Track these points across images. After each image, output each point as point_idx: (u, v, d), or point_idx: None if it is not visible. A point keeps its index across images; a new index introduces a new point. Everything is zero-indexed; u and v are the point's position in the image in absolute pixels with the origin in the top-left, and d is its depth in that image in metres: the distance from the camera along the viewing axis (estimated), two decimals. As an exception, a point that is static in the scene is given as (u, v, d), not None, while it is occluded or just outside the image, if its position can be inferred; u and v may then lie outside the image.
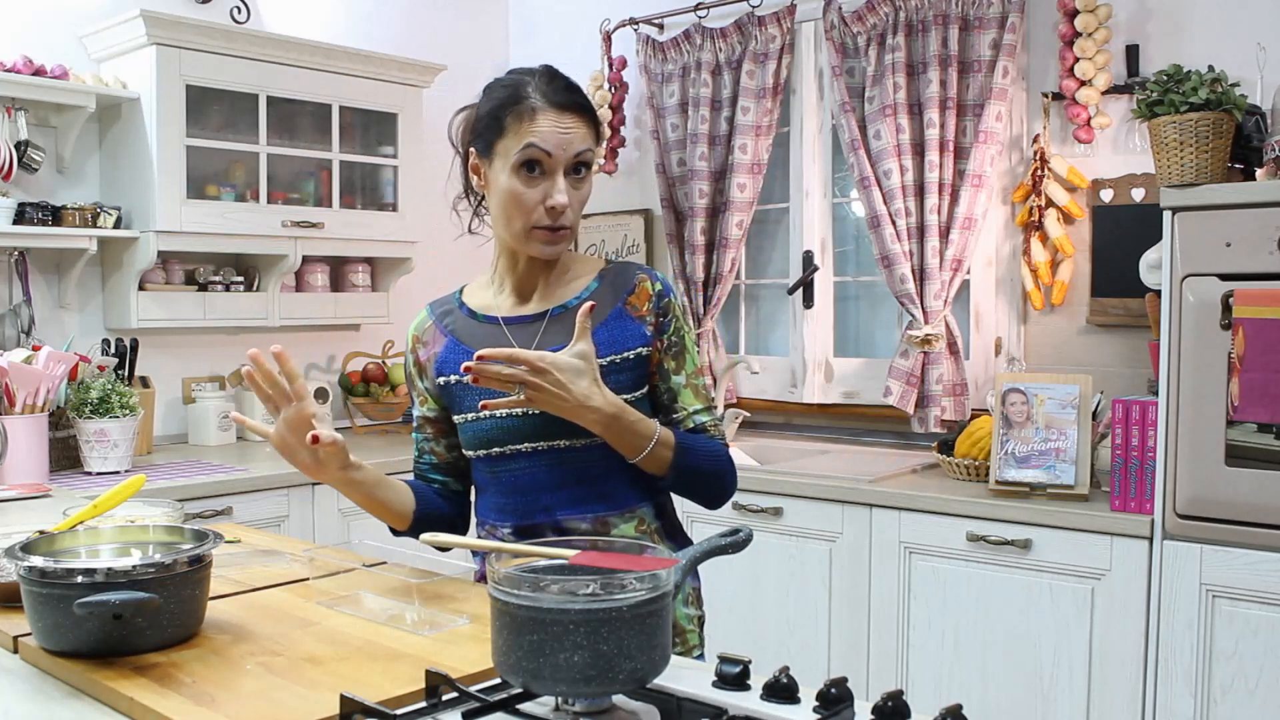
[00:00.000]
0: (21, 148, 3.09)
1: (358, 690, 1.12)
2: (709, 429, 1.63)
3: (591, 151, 1.57)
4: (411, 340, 1.71)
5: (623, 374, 1.58)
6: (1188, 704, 2.35)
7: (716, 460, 1.61)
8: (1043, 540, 2.54)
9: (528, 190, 1.54)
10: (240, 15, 3.66)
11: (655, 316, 1.61)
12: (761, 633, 3.01)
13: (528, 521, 1.60)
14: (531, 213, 1.55)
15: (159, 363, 3.53)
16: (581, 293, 1.63)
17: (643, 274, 1.64)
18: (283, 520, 3.03)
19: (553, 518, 1.58)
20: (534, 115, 1.53)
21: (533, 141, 1.52)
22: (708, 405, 1.65)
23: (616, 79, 4.04)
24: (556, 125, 1.53)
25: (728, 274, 3.67)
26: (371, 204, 3.76)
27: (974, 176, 3.15)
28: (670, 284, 1.66)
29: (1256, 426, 2.27)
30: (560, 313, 1.62)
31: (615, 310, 1.61)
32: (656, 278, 1.65)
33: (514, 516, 1.61)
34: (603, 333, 1.58)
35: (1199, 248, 2.34)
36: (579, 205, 1.58)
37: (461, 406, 1.62)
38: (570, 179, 1.55)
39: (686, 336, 1.65)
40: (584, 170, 1.57)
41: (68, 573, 1.27)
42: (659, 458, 1.54)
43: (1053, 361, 3.16)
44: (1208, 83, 2.38)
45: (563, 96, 1.55)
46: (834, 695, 1.10)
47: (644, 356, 1.60)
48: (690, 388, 1.63)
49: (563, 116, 1.53)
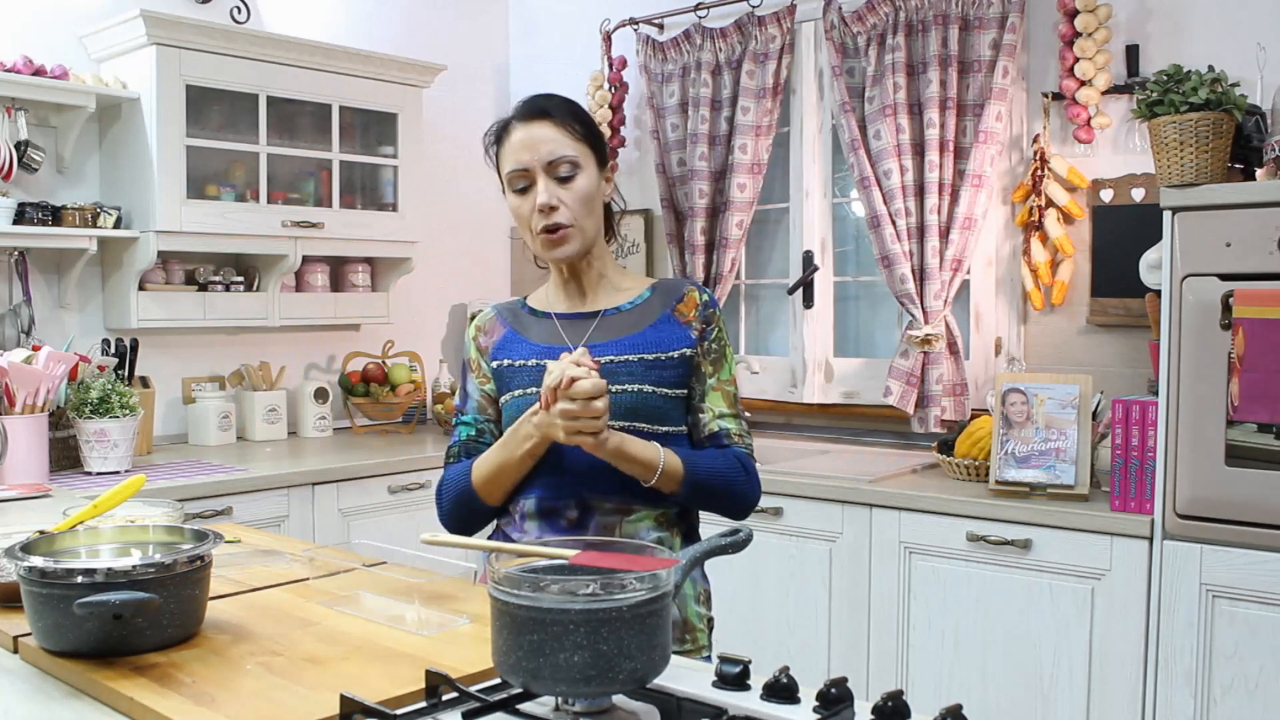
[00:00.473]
0: (21, 148, 3.09)
1: (358, 690, 1.12)
2: (732, 436, 1.70)
3: (572, 154, 1.66)
4: (474, 330, 1.80)
5: (666, 370, 1.67)
6: (1188, 704, 2.35)
7: (728, 479, 1.66)
8: (1043, 540, 2.54)
9: (522, 203, 1.67)
10: (240, 15, 3.66)
11: (700, 324, 1.71)
12: (761, 633, 3.01)
13: (553, 494, 1.65)
14: (530, 220, 1.66)
15: (159, 363, 3.52)
16: (635, 299, 1.73)
17: (692, 286, 1.74)
18: (283, 520, 3.03)
19: (579, 494, 1.64)
20: (508, 136, 1.68)
21: (511, 163, 1.67)
22: (736, 413, 1.72)
23: (616, 79, 4.04)
24: (525, 137, 1.66)
25: (728, 274, 3.67)
26: (371, 204, 3.76)
27: (974, 176, 3.15)
28: (716, 299, 1.78)
29: (1256, 426, 2.27)
30: (613, 314, 1.72)
31: (664, 315, 1.71)
32: (705, 291, 1.75)
33: (540, 489, 1.66)
34: (651, 333, 1.69)
35: (1199, 248, 2.34)
36: (574, 203, 1.65)
37: (510, 386, 1.71)
38: (555, 180, 1.65)
39: (727, 347, 1.74)
40: (569, 169, 1.65)
41: (68, 573, 1.27)
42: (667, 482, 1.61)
43: (1053, 361, 3.16)
44: (1208, 83, 2.38)
45: (530, 109, 1.68)
46: (834, 695, 1.10)
47: (687, 358, 1.69)
48: (720, 391, 1.71)
49: (530, 127, 1.66)
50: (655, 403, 1.65)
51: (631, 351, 1.66)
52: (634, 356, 1.66)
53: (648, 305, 1.72)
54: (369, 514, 3.22)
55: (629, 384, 1.63)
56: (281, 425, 3.70)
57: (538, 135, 1.65)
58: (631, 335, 1.68)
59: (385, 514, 3.26)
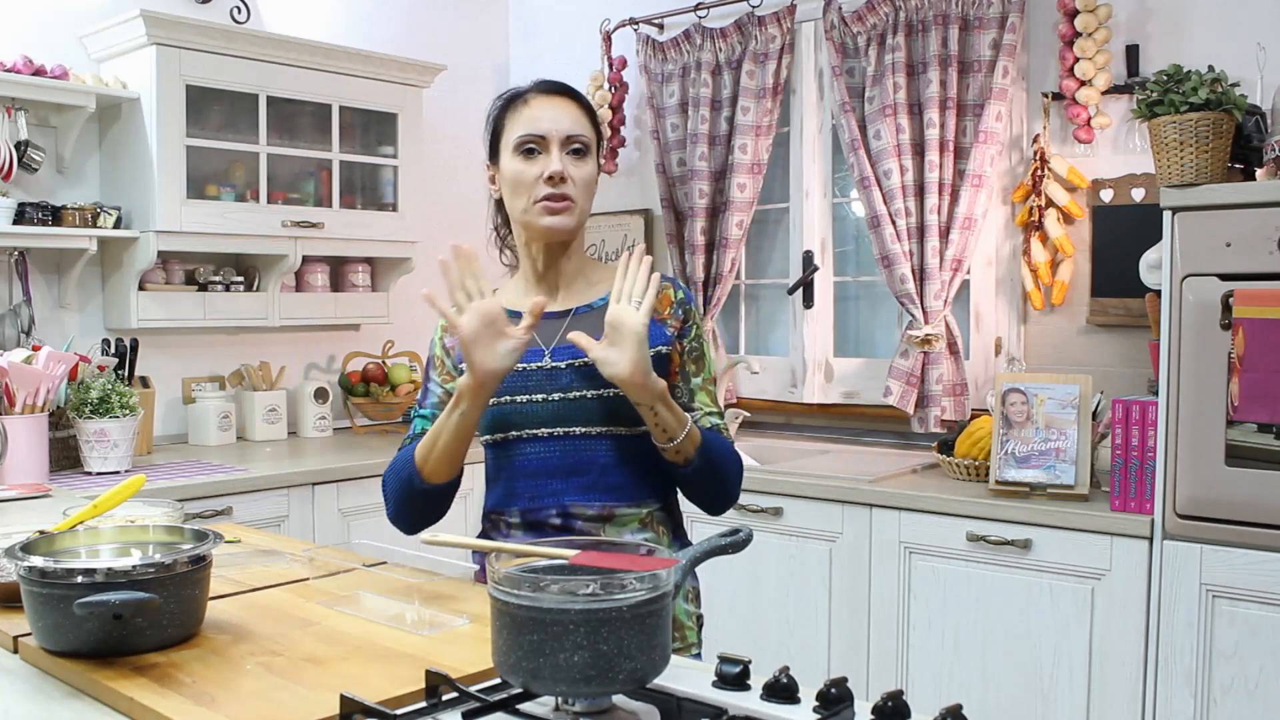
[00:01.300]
0: (21, 148, 3.09)
1: (358, 690, 1.12)
2: (722, 432, 1.69)
3: (587, 136, 1.66)
4: (440, 330, 1.76)
5: None
6: (1188, 704, 2.35)
7: (734, 462, 1.68)
8: (1043, 540, 2.54)
9: (528, 167, 1.64)
10: (240, 15, 3.66)
11: (677, 321, 1.69)
12: (761, 633, 3.01)
13: (535, 504, 1.63)
14: (533, 186, 1.63)
15: (159, 363, 3.52)
16: (606, 295, 1.67)
17: (665, 281, 1.70)
18: (283, 520, 3.03)
19: (560, 502, 1.62)
20: (527, 103, 1.66)
21: (527, 127, 1.64)
22: (719, 411, 1.72)
23: (616, 79, 4.03)
24: (547, 107, 1.65)
25: (728, 274, 3.67)
26: (371, 204, 3.76)
27: (974, 176, 3.15)
28: (691, 293, 1.75)
29: (1256, 426, 2.27)
30: (585, 312, 1.69)
31: None
32: (678, 285, 1.72)
33: (522, 501, 1.65)
34: None
35: (1199, 248, 2.34)
36: (582, 184, 1.65)
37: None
38: (569, 156, 1.64)
39: (705, 344, 1.72)
40: (583, 151, 1.65)
41: (68, 573, 1.27)
42: (687, 447, 1.58)
43: (1053, 361, 3.16)
44: (1208, 83, 2.38)
45: (553, 86, 1.68)
46: (834, 695, 1.10)
47: (664, 355, 1.67)
48: (705, 391, 1.70)
49: (553, 99, 1.66)
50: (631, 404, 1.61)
51: None
52: None
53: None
54: (369, 514, 3.22)
55: (604, 388, 1.59)
56: (281, 425, 3.70)
57: (561, 109, 1.65)
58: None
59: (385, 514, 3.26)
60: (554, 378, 1.63)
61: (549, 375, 1.63)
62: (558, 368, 1.63)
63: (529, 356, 1.63)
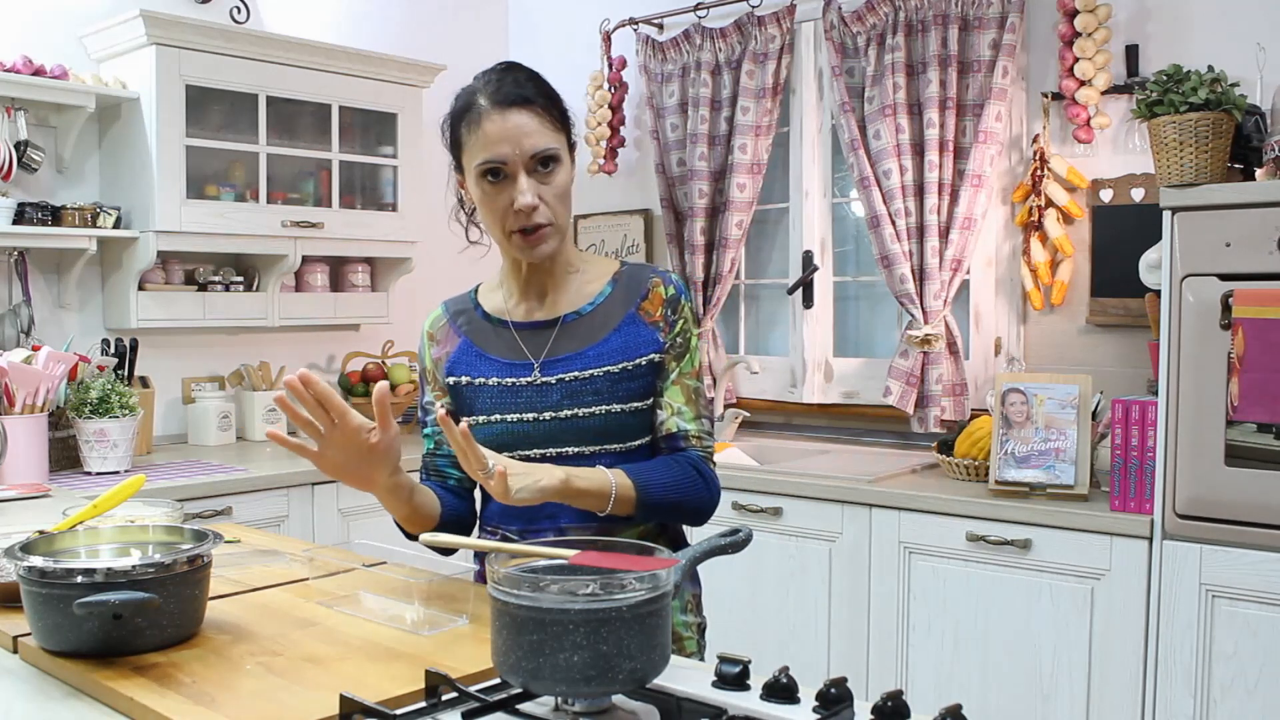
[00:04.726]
0: (21, 148, 3.09)
1: (358, 690, 1.12)
2: (690, 438, 1.60)
3: (554, 145, 1.53)
4: (426, 336, 1.71)
5: (633, 382, 1.58)
6: (1188, 704, 2.35)
7: (683, 490, 1.56)
8: (1042, 540, 2.54)
9: (495, 197, 1.53)
10: (240, 15, 3.66)
11: (668, 323, 1.61)
12: (761, 633, 3.01)
13: (533, 526, 1.60)
14: (503, 218, 1.54)
15: (159, 363, 3.52)
16: (595, 299, 1.62)
17: (656, 277, 1.63)
18: (283, 520, 3.03)
19: (557, 524, 1.58)
20: (481, 122, 1.52)
21: (486, 152, 1.51)
22: (696, 411, 1.61)
23: (616, 79, 4.03)
24: (504, 128, 1.51)
25: (727, 274, 3.67)
26: (371, 204, 3.76)
27: (974, 176, 3.15)
28: (683, 285, 1.66)
29: (1256, 426, 2.27)
30: (573, 319, 1.61)
31: (628, 315, 1.61)
32: (670, 280, 1.64)
33: (519, 521, 1.61)
34: (616, 339, 1.59)
35: (1199, 248, 2.34)
36: (554, 199, 1.54)
37: (472, 409, 1.62)
38: (536, 175, 1.53)
39: (692, 339, 1.63)
40: (551, 164, 1.53)
41: (68, 573, 1.27)
42: (622, 507, 1.51)
43: (1052, 361, 3.16)
44: (1207, 83, 2.38)
45: (509, 94, 1.53)
46: (834, 695, 1.10)
47: (655, 363, 1.60)
48: (680, 385, 1.60)
49: (509, 116, 1.51)
50: (624, 420, 1.57)
51: (596, 365, 1.57)
52: (599, 371, 1.56)
53: (610, 305, 1.62)
54: (369, 514, 3.21)
55: (595, 405, 1.55)
56: (281, 425, 3.69)
57: (519, 126, 1.51)
58: (595, 345, 1.58)
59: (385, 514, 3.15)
60: (544, 394, 1.58)
61: (539, 391, 1.58)
62: (547, 383, 1.58)
63: (517, 371, 1.59)
